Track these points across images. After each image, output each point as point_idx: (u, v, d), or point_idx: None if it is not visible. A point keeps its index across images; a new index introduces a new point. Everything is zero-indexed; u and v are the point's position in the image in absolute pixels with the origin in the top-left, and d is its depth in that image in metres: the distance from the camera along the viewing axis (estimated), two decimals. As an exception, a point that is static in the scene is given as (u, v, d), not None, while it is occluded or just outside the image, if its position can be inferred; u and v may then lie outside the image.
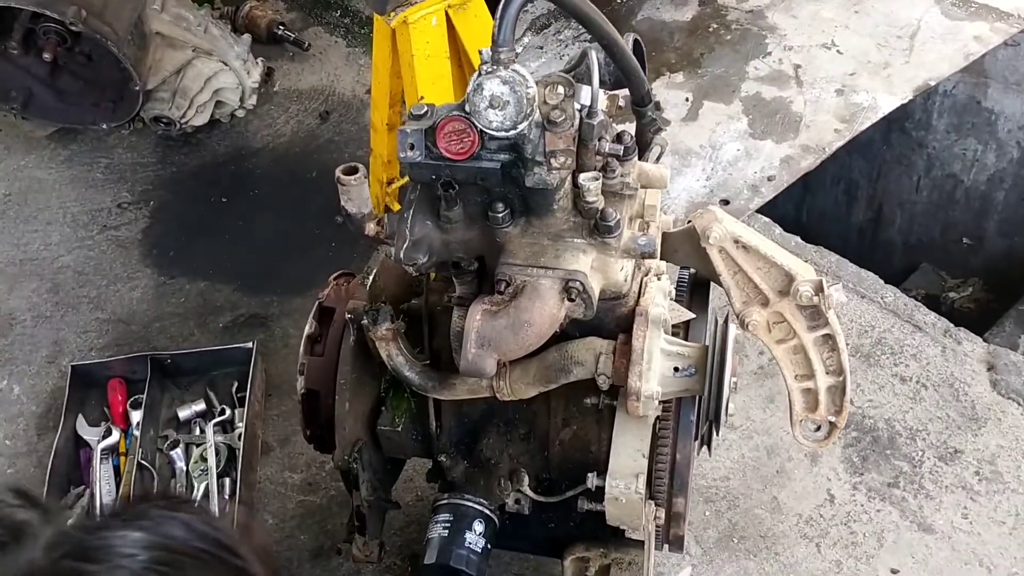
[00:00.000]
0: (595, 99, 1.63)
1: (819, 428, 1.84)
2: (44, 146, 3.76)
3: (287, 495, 2.63)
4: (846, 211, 4.70)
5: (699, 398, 1.83)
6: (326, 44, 4.21)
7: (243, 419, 2.68)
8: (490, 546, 1.93)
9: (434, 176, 1.64)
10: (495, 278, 1.66)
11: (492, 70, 1.54)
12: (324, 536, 2.51)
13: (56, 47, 3.32)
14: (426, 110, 1.64)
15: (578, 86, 1.63)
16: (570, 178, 1.65)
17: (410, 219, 1.69)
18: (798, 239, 3.20)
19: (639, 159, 1.77)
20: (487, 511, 1.93)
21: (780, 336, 1.78)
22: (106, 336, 3.07)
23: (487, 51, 1.56)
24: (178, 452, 2.65)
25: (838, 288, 1.72)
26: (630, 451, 1.77)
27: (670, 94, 3.74)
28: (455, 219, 1.68)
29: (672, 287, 1.92)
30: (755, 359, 2.81)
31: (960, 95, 4.20)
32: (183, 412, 2.76)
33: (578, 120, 1.62)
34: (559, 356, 1.75)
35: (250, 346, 2.82)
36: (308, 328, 2.03)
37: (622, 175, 1.69)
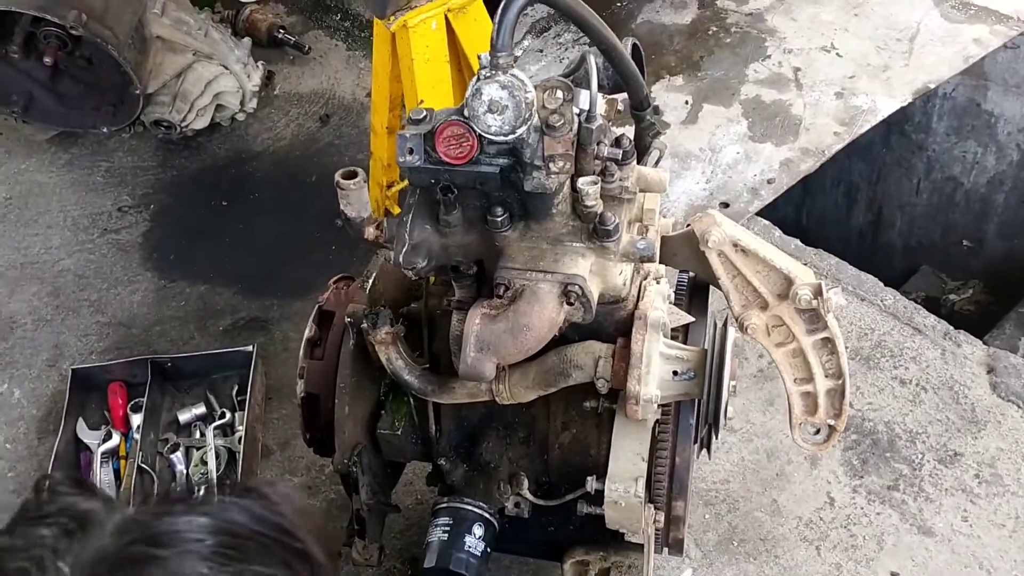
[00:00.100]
0: (594, 103, 1.63)
1: (818, 431, 1.84)
2: (45, 150, 3.77)
3: (287, 498, 2.63)
4: (846, 214, 4.69)
5: (698, 401, 1.83)
6: (326, 48, 4.21)
7: (243, 422, 2.69)
8: (490, 550, 1.93)
9: (433, 180, 1.65)
10: (494, 282, 1.66)
11: (491, 75, 1.55)
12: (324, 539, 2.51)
13: (57, 51, 3.31)
14: (425, 114, 1.65)
15: (577, 90, 1.63)
16: (569, 182, 1.66)
17: (409, 223, 1.69)
18: (798, 242, 3.20)
19: (638, 163, 1.77)
20: (487, 515, 1.93)
21: (779, 339, 1.78)
22: (106, 339, 3.07)
23: (486, 56, 1.56)
24: (178, 455, 2.66)
25: (837, 291, 1.73)
26: (629, 455, 1.77)
27: (670, 97, 3.74)
28: (454, 223, 1.68)
29: (671, 291, 1.92)
30: (754, 362, 2.81)
31: (960, 98, 4.20)
32: (183, 415, 2.76)
33: (577, 124, 1.62)
34: (558, 360, 1.75)
35: (250, 349, 2.82)
36: (308, 332, 2.03)
37: (621, 179, 1.70)
